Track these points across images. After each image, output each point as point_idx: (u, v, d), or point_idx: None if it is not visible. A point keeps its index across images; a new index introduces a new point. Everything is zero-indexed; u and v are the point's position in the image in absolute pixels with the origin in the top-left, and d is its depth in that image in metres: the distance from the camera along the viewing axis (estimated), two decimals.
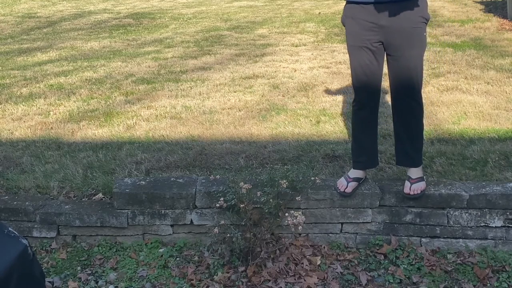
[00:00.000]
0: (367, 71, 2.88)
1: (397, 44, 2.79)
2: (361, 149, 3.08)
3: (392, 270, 2.91)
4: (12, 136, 4.33)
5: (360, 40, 2.82)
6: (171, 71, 6.28)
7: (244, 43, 7.90)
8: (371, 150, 3.10)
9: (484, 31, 7.97)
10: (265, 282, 2.80)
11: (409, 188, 3.00)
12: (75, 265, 3.01)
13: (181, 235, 3.15)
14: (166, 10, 12.19)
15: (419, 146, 3.05)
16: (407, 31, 2.76)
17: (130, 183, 3.20)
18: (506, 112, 4.44)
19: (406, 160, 3.06)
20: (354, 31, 2.84)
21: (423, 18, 2.78)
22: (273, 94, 5.18)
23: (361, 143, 3.08)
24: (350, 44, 2.89)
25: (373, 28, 2.77)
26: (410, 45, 2.78)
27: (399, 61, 2.83)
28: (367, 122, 3.04)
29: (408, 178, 3.04)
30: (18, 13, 12.35)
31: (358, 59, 2.88)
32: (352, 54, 2.90)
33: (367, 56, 2.85)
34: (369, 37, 2.80)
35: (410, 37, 2.77)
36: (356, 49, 2.86)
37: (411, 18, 2.75)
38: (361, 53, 2.85)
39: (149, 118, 4.62)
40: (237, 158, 3.71)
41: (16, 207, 3.15)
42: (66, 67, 6.72)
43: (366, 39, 2.81)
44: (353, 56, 2.90)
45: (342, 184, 3.05)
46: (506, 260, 2.95)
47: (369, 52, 2.84)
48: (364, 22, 2.78)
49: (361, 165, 3.09)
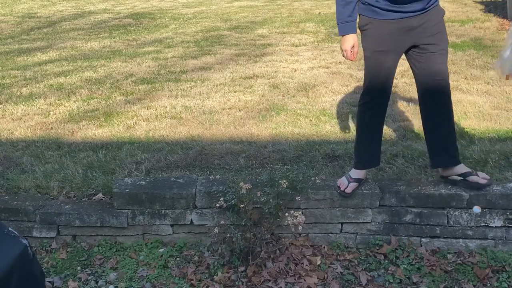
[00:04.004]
0: (388, 74, 2.86)
1: (429, 42, 2.77)
2: (366, 149, 3.07)
3: (392, 270, 2.91)
4: (12, 136, 4.33)
5: (388, 45, 2.78)
6: (171, 71, 6.28)
7: (244, 43, 7.90)
8: (375, 150, 3.09)
9: (484, 31, 7.97)
10: (265, 282, 2.80)
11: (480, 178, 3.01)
12: (75, 265, 3.01)
13: (181, 235, 3.15)
14: (166, 10, 12.19)
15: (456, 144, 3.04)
16: (436, 27, 2.77)
17: (130, 183, 3.20)
18: (506, 112, 4.44)
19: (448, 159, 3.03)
20: (380, 37, 2.78)
21: (443, 12, 2.83)
22: (273, 94, 5.18)
23: (367, 143, 3.06)
24: (374, 50, 2.81)
25: (403, 32, 2.74)
26: (440, 40, 2.79)
27: (432, 57, 2.80)
28: (377, 122, 3.03)
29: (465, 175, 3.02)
30: (18, 13, 12.35)
31: (381, 63, 2.83)
32: (375, 58, 2.83)
33: (392, 60, 2.83)
34: (399, 42, 2.77)
35: (439, 32, 2.79)
36: (381, 54, 2.81)
37: (437, 13, 2.77)
38: (387, 57, 2.81)
39: (149, 118, 4.62)
40: (237, 158, 3.71)
41: (16, 207, 3.15)
42: (66, 67, 6.72)
43: (396, 44, 2.77)
44: (375, 60, 2.83)
45: (343, 183, 3.04)
46: (506, 260, 2.95)
47: (396, 56, 2.82)
48: (392, 26, 2.74)
49: (363, 165, 3.09)
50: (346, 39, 2.81)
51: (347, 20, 2.78)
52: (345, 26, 2.80)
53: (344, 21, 2.79)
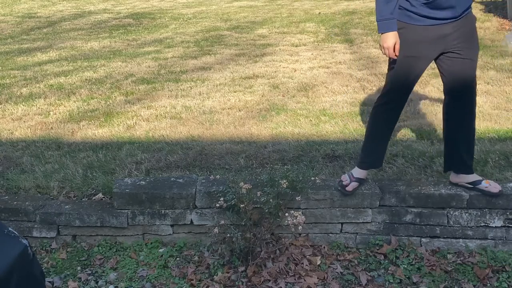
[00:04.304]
0: (414, 80, 2.86)
1: (460, 48, 2.76)
2: (374, 150, 3.07)
3: (392, 270, 2.91)
4: (12, 136, 4.33)
5: (420, 51, 2.76)
6: (171, 71, 6.28)
7: (244, 43, 7.90)
8: (382, 152, 3.10)
9: (484, 31, 7.97)
10: (265, 282, 2.80)
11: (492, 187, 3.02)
12: (75, 265, 3.01)
13: (181, 235, 3.15)
14: (166, 10, 12.19)
15: (472, 153, 3.05)
16: (469, 34, 2.77)
17: (130, 183, 3.20)
18: (506, 112, 4.44)
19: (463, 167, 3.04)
20: (413, 42, 2.75)
21: (475, 19, 2.82)
22: (273, 94, 5.18)
23: (378, 143, 3.06)
24: (405, 55, 2.77)
25: (436, 39, 2.73)
26: (472, 46, 2.79)
27: (462, 63, 2.79)
28: (390, 125, 3.02)
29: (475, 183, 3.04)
30: (18, 13, 12.36)
31: (411, 69, 2.80)
32: (405, 63, 2.79)
33: (422, 67, 2.81)
34: (431, 49, 2.76)
35: (471, 37, 2.79)
36: (412, 59, 2.78)
37: (470, 20, 2.77)
38: (419, 63, 2.80)
39: (149, 118, 4.62)
40: (237, 158, 3.71)
41: (16, 207, 3.15)
42: (66, 67, 6.72)
43: (428, 51, 2.76)
44: (405, 65, 2.80)
45: (345, 179, 3.06)
46: (506, 260, 2.95)
47: (426, 62, 2.81)
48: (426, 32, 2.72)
49: (368, 165, 3.10)
50: (388, 36, 2.75)
51: (388, 17, 2.73)
52: (387, 23, 2.74)
53: (386, 18, 2.73)
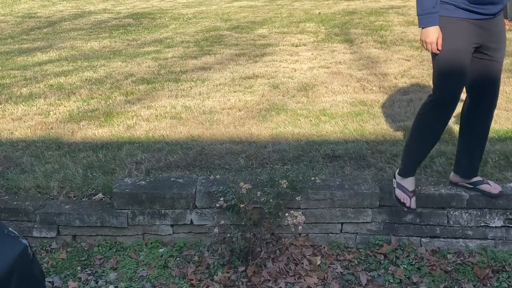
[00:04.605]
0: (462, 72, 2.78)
1: (493, 47, 2.75)
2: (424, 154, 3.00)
3: (392, 270, 2.92)
4: (12, 136, 4.33)
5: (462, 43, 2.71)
6: (171, 71, 6.28)
7: (244, 43, 7.90)
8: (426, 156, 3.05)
9: None
10: (265, 282, 2.80)
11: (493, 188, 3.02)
12: (75, 265, 3.01)
13: (181, 235, 3.15)
14: (166, 10, 12.19)
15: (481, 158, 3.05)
16: (501, 34, 2.77)
17: (130, 183, 3.20)
18: (506, 112, 4.44)
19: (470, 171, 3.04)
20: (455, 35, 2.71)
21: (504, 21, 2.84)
22: (273, 94, 5.18)
23: (428, 146, 2.96)
24: (449, 48, 2.71)
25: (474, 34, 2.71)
26: (501, 47, 2.79)
27: (489, 64, 2.78)
28: (444, 122, 2.89)
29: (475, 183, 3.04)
30: (18, 13, 12.35)
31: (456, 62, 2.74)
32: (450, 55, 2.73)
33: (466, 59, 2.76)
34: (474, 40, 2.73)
35: (502, 39, 2.79)
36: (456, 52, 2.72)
37: (502, 21, 2.78)
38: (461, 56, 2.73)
39: (149, 118, 4.62)
40: (237, 158, 3.71)
41: (16, 207, 3.15)
42: (66, 67, 6.72)
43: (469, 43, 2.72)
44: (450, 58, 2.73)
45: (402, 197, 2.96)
46: (506, 260, 2.95)
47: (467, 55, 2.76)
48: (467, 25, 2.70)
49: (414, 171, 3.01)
50: (430, 31, 2.68)
51: (431, 11, 2.66)
52: (429, 17, 2.68)
53: (428, 12, 2.67)
